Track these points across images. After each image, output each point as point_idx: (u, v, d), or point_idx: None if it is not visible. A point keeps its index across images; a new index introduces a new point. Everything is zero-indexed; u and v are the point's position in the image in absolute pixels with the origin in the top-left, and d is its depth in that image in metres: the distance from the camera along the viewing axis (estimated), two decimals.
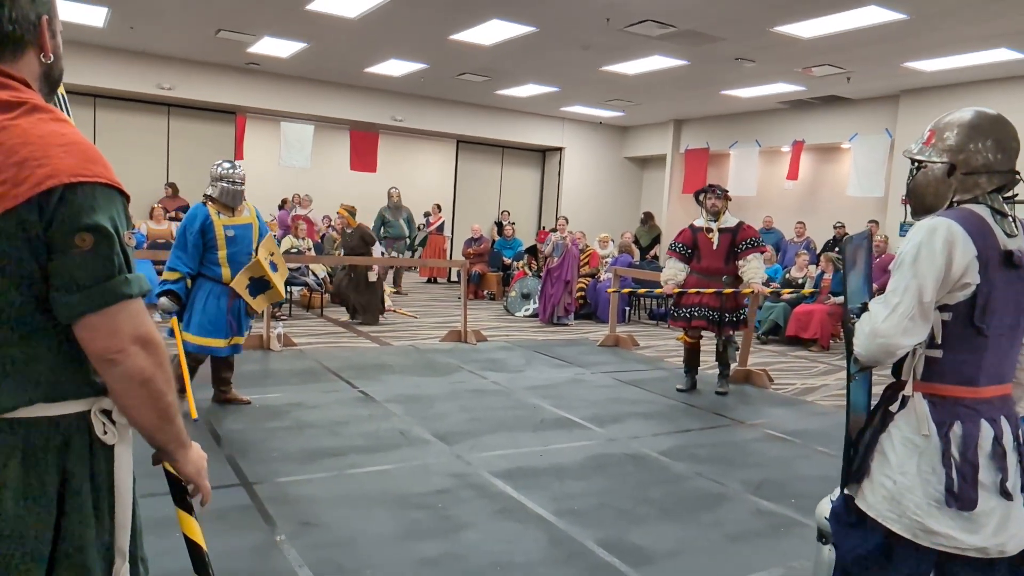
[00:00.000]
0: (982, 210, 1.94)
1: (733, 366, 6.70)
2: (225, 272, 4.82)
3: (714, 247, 6.18)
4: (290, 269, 9.81)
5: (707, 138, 14.22)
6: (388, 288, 11.27)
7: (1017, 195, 2.03)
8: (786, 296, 9.52)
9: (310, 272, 10.32)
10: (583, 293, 10.97)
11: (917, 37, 8.11)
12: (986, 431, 1.93)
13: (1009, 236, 1.93)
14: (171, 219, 10.89)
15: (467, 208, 15.40)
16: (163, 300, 4.69)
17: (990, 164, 1.95)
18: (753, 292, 6.16)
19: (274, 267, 5.03)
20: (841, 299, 9.20)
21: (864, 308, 2.01)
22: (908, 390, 2.00)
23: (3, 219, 1.14)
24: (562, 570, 3.09)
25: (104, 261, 1.20)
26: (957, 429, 1.92)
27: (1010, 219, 1.95)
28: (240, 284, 4.85)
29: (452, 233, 15.08)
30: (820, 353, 8.98)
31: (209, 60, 11.55)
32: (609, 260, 11.61)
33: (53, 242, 1.18)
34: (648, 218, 14.63)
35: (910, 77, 9.99)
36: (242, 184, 4.94)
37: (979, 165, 1.95)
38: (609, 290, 8.98)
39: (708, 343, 6.56)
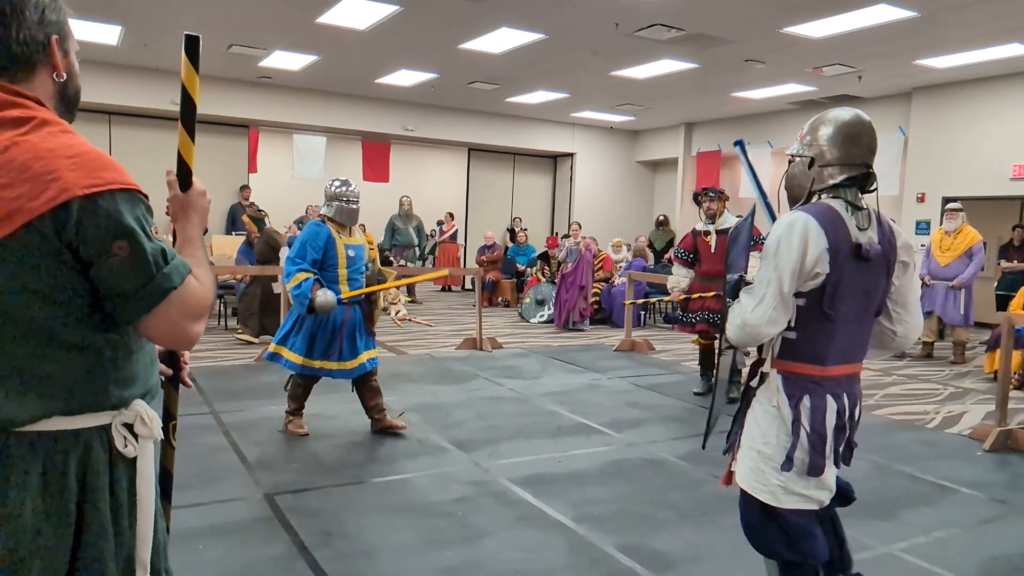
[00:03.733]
0: (838, 204, 2.15)
1: (744, 371, 6.65)
2: (344, 290, 4.64)
3: (712, 250, 6.15)
4: None
5: (719, 140, 14.18)
6: (403, 297, 11.31)
7: (875, 188, 2.22)
8: None
9: None
10: (598, 298, 10.95)
11: (928, 34, 8.07)
12: (831, 405, 2.15)
13: (861, 229, 2.13)
14: None
15: (480, 216, 15.44)
16: (321, 299, 4.42)
17: (842, 158, 2.17)
18: None
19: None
20: None
21: (739, 282, 2.22)
22: (767, 367, 2.23)
23: (22, 234, 1.17)
24: None
25: (142, 264, 1.24)
26: (806, 402, 2.14)
27: (863, 212, 2.16)
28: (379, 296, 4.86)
29: (465, 241, 15.12)
30: None
31: (222, 75, 11.68)
32: (623, 265, 11.59)
33: (88, 255, 1.20)
34: (664, 222, 14.65)
35: (922, 74, 9.93)
36: (357, 203, 4.74)
37: (833, 158, 2.18)
38: (626, 302, 8.94)
39: None
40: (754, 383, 2.26)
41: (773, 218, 2.49)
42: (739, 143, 2.74)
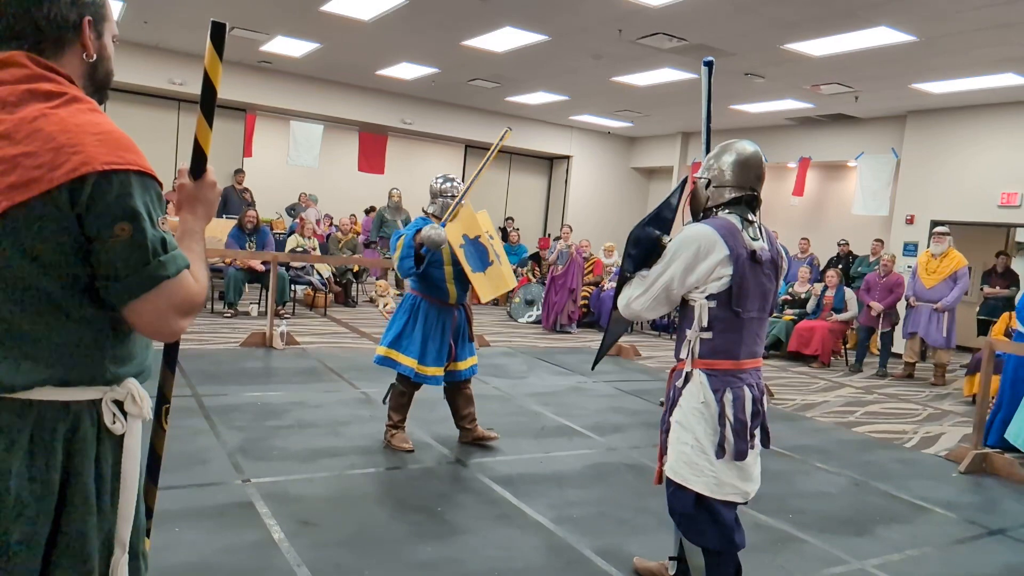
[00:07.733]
0: (734, 219, 2.53)
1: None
2: (452, 290, 4.43)
3: None
4: (295, 268, 9.85)
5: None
6: (392, 290, 11.29)
7: (760, 203, 2.64)
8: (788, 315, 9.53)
9: (314, 271, 10.35)
10: (587, 301, 10.98)
11: (926, 59, 8.14)
12: (748, 394, 2.46)
13: (753, 239, 2.52)
14: None
15: None
16: (426, 232, 4.14)
17: (734, 181, 2.58)
18: None
19: (483, 256, 4.50)
20: (843, 315, 9.24)
21: (656, 245, 2.58)
22: (688, 367, 2.50)
23: (38, 202, 1.18)
24: None
25: (140, 249, 1.24)
26: (728, 395, 2.43)
27: (754, 226, 2.56)
28: (455, 235, 4.37)
29: None
30: (821, 369, 8.99)
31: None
32: (613, 269, 11.62)
33: (91, 231, 1.21)
34: None
35: (917, 98, 10.03)
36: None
37: (725, 181, 2.60)
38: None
39: None
40: (679, 383, 2.53)
41: (707, 147, 2.83)
42: (707, 62, 2.93)
